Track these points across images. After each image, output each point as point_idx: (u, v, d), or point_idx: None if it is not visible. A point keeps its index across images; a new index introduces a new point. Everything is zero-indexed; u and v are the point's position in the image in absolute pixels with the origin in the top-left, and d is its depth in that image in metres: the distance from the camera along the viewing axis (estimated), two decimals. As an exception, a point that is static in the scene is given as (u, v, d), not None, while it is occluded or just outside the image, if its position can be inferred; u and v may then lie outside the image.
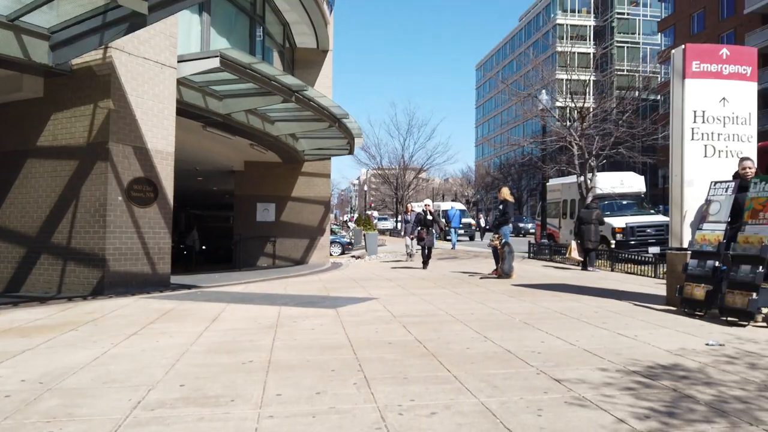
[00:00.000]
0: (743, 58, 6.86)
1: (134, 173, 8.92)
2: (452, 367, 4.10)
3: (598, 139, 16.63)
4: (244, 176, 17.28)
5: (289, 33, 16.80)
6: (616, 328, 5.51)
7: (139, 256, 8.92)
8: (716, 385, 3.55)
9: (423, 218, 13.38)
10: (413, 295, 8.24)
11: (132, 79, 8.98)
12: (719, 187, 6.32)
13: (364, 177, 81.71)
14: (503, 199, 11.04)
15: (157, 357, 4.50)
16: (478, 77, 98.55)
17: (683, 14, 49.25)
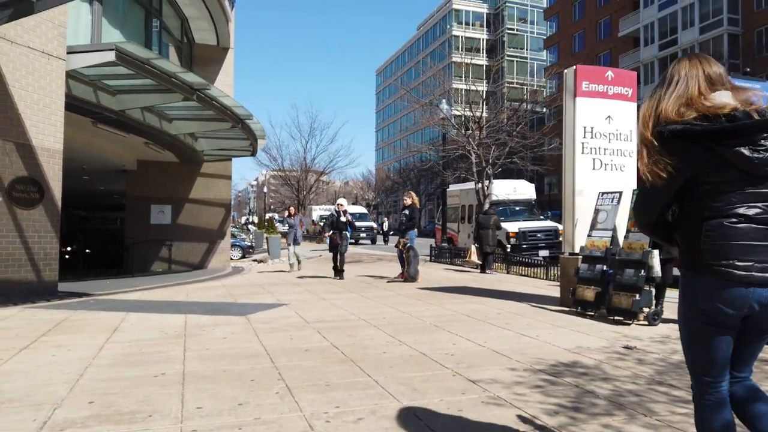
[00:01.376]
0: (625, 80, 7.59)
1: (17, 172, 8.16)
2: (372, 371, 4.18)
3: (494, 149, 17.53)
4: (137, 176, 16.30)
5: (187, 28, 16.12)
6: (519, 328, 5.88)
7: (23, 263, 8.17)
8: (612, 380, 3.92)
9: (336, 220, 11.79)
10: (323, 300, 8.25)
11: (15, 70, 8.22)
12: (606, 198, 6.95)
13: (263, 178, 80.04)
14: (410, 204, 11.32)
15: (56, 372, 4.18)
16: (378, 82, 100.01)
17: (566, 34, 53.25)
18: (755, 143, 1.85)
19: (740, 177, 1.89)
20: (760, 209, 1.88)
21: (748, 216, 1.88)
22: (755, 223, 1.88)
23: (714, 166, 1.89)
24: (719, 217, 1.90)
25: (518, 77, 64.08)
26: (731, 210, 1.89)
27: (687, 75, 2.00)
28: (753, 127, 1.86)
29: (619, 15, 46.21)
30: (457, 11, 72.92)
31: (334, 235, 11.77)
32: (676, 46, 40.01)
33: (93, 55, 9.04)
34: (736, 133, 1.86)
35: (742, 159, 1.85)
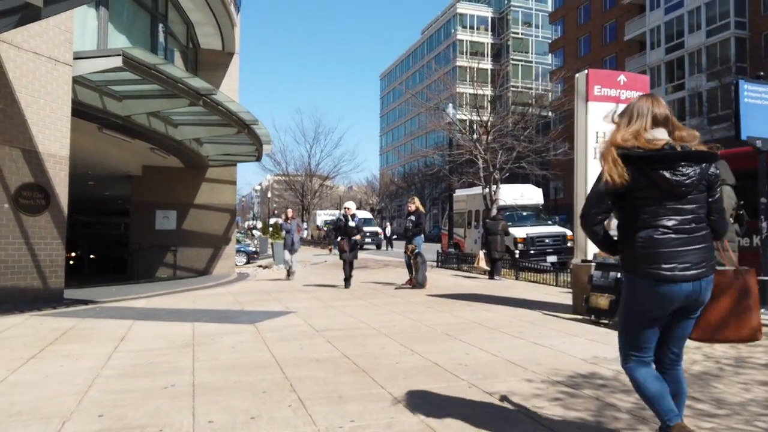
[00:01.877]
0: (638, 84, 7.49)
1: (23, 179, 8.12)
2: (386, 383, 4.09)
3: (501, 153, 17.43)
4: (142, 181, 16.28)
5: (193, 33, 16.12)
6: (532, 337, 5.77)
7: (29, 270, 8.11)
8: (633, 392, 3.77)
9: (343, 225, 10.90)
10: (331, 308, 8.16)
11: (21, 76, 8.19)
12: (619, 203, 6.83)
13: (267, 183, 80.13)
14: (415, 209, 11.23)
15: (65, 384, 4.10)
16: (383, 87, 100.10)
17: (571, 37, 53.18)
18: (675, 169, 2.46)
19: (663, 195, 2.47)
20: (677, 221, 2.48)
21: (668, 227, 2.46)
22: (675, 233, 2.47)
23: (644, 184, 2.47)
24: (648, 228, 2.48)
25: (523, 81, 64.11)
26: (656, 221, 2.47)
27: (640, 113, 2.57)
28: (671, 157, 2.46)
29: (624, 18, 46.12)
30: (461, 15, 72.96)
31: (342, 241, 10.88)
32: (683, 49, 39.89)
33: (100, 60, 9.01)
34: (660, 160, 2.46)
35: (664, 180, 2.45)
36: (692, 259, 2.47)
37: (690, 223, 2.49)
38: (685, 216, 2.49)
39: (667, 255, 2.45)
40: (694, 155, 2.49)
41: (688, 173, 2.46)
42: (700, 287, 2.50)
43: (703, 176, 2.50)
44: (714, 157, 2.54)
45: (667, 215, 2.48)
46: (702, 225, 2.53)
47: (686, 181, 2.45)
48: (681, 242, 2.47)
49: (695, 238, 2.50)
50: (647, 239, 2.47)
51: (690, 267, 2.48)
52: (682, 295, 2.48)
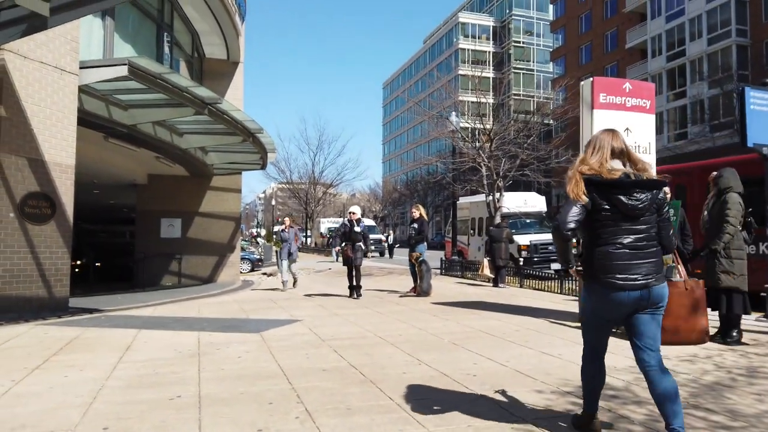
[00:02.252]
0: (643, 92, 7.47)
1: (29, 188, 8.12)
2: (394, 394, 4.05)
3: (505, 161, 17.41)
4: (147, 190, 16.30)
5: (198, 43, 16.19)
6: (540, 346, 5.73)
7: (34, 279, 8.10)
8: (645, 403, 3.76)
9: (348, 231, 10.55)
10: (337, 316, 8.12)
11: (27, 85, 8.21)
12: (626, 211, 6.80)
13: (270, 191, 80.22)
14: (419, 217, 11.21)
15: (69, 395, 4.07)
16: (385, 95, 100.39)
17: (573, 46, 53.29)
18: (630, 194, 2.89)
19: (620, 216, 2.91)
20: (631, 239, 2.91)
21: (624, 243, 2.90)
22: (629, 249, 2.90)
23: (603, 207, 2.91)
24: (607, 245, 2.92)
25: (525, 89, 64.18)
26: (614, 239, 2.91)
27: (602, 146, 3.03)
28: (627, 184, 2.90)
29: (626, 27, 46.21)
30: (463, 24, 73.24)
31: (346, 247, 10.53)
32: (684, 57, 39.92)
33: (106, 69, 9.03)
34: (618, 186, 2.89)
35: (622, 204, 2.89)
36: (642, 271, 2.89)
37: (642, 241, 2.93)
38: (638, 235, 2.93)
39: (622, 267, 2.89)
40: (646, 183, 2.94)
41: (641, 198, 2.91)
42: (649, 294, 2.90)
43: (653, 200, 2.95)
44: (662, 184, 3.01)
45: (624, 234, 2.92)
46: (653, 242, 2.97)
47: (639, 205, 2.91)
48: (634, 257, 2.90)
49: (646, 254, 2.92)
50: (605, 253, 2.92)
51: (639, 278, 2.89)
52: (632, 301, 2.90)
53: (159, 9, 13.43)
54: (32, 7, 6.63)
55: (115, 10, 11.23)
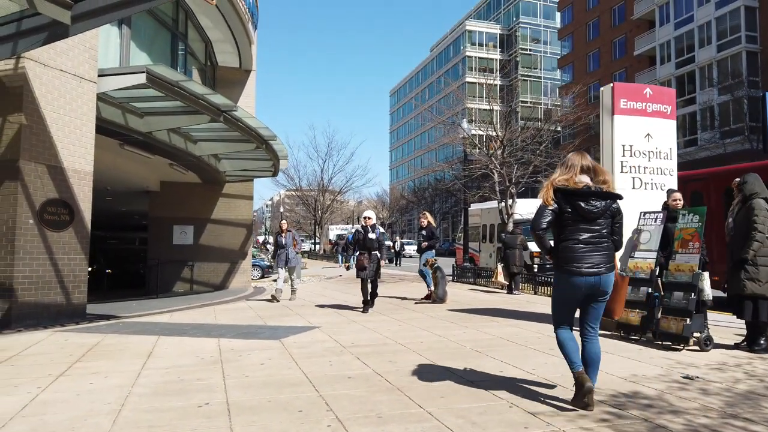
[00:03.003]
0: (664, 97, 7.44)
1: (48, 194, 8.15)
2: (423, 402, 4.00)
3: (517, 167, 17.37)
4: (160, 197, 16.37)
5: (211, 51, 16.28)
6: (565, 354, 5.66)
7: (52, 285, 8.11)
8: (681, 413, 3.70)
9: (362, 238, 9.41)
10: (355, 323, 8.07)
11: (47, 93, 8.26)
12: (648, 218, 6.75)
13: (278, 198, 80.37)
14: (427, 224, 11.21)
15: (96, 402, 4.05)
16: (393, 103, 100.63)
17: (580, 53, 53.27)
18: (588, 201, 3.71)
19: (580, 218, 3.73)
20: (587, 236, 3.73)
21: (581, 239, 3.73)
22: (584, 244, 3.72)
23: (568, 211, 3.73)
24: (567, 240, 3.75)
25: (532, 96, 64.16)
26: (573, 236, 3.74)
27: (573, 164, 3.83)
28: (586, 193, 3.72)
29: (634, 34, 46.16)
30: (470, 32, 73.43)
31: (361, 256, 9.33)
32: (693, 64, 39.80)
33: (124, 77, 9.09)
34: (579, 195, 3.71)
35: (580, 208, 3.71)
36: (595, 261, 3.72)
37: (596, 238, 3.76)
38: (592, 233, 3.76)
39: (579, 257, 3.73)
40: (601, 194, 3.76)
41: (596, 205, 3.74)
42: (600, 280, 3.73)
43: (607, 208, 3.78)
44: (616, 197, 3.83)
45: (581, 232, 3.76)
46: (605, 240, 3.79)
47: (594, 210, 3.74)
48: (588, 250, 3.74)
49: (598, 248, 3.76)
50: (567, 247, 3.77)
51: (592, 266, 3.71)
52: (587, 285, 3.73)
53: (174, 18, 13.53)
54: (54, 16, 6.66)
55: (131, 19, 11.32)
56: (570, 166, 3.85)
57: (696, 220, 6.05)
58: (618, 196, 3.85)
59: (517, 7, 71.77)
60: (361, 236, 9.51)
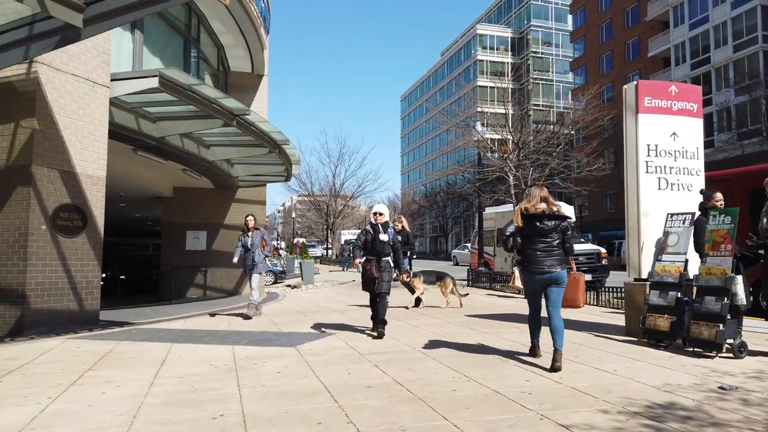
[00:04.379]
0: (690, 95, 7.20)
1: (61, 200, 8.07)
2: (448, 413, 3.81)
3: (532, 170, 17.12)
4: (173, 203, 16.30)
5: (223, 56, 16.23)
6: (592, 362, 5.44)
7: (65, 291, 8.02)
8: (723, 425, 3.47)
9: (371, 240, 7.22)
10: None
11: (60, 98, 8.19)
12: (676, 219, 6.50)
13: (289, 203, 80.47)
14: (402, 228, 10.99)
15: (108, 413, 3.91)
16: (403, 108, 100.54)
17: (593, 55, 52.81)
18: (542, 222, 5.17)
19: (537, 233, 5.19)
20: (543, 246, 5.17)
21: (537, 248, 5.19)
22: (540, 251, 5.18)
23: (529, 228, 5.22)
24: (529, 249, 5.23)
25: (544, 100, 63.75)
26: (533, 246, 5.20)
27: (534, 195, 5.31)
28: (542, 216, 5.18)
29: (648, 35, 45.66)
30: (481, 36, 73.16)
31: (368, 263, 7.24)
32: (709, 64, 39.26)
33: (136, 81, 9.00)
34: (537, 217, 5.19)
35: (536, 227, 5.18)
36: (548, 264, 5.19)
37: (549, 247, 5.21)
38: (546, 244, 5.22)
39: (537, 261, 5.22)
40: (553, 216, 5.22)
41: (549, 224, 5.22)
42: (552, 276, 5.19)
43: (557, 226, 5.23)
44: (564, 218, 5.28)
45: (539, 242, 5.23)
46: (556, 248, 5.23)
47: (547, 228, 5.22)
48: (543, 256, 5.21)
49: (551, 254, 5.20)
50: (528, 254, 5.29)
51: (546, 267, 5.18)
52: (543, 279, 5.23)
53: (186, 23, 13.48)
54: (66, 19, 6.57)
55: (144, 24, 11.27)
56: (532, 197, 5.38)
57: (728, 221, 5.80)
58: (566, 217, 5.32)
59: (529, 11, 71.44)
60: (370, 238, 7.25)
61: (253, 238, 9.65)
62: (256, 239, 9.67)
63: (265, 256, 9.84)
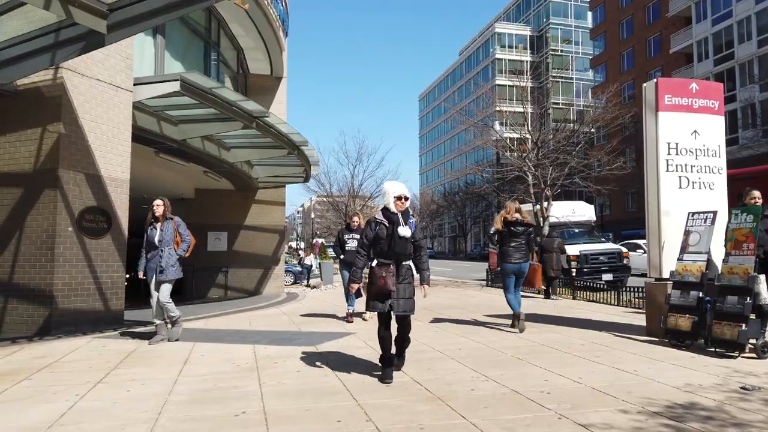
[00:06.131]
0: (711, 92, 7.11)
1: (86, 202, 8.26)
2: (466, 412, 3.84)
3: (552, 169, 17.00)
4: (194, 204, 16.52)
5: (242, 59, 16.42)
6: (612, 362, 5.42)
7: (91, 292, 8.21)
8: (746, 426, 3.45)
9: (388, 236, 4.96)
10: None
11: (85, 102, 8.39)
12: (697, 218, 6.44)
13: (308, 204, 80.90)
14: (357, 226, 10.22)
15: (134, 410, 4.01)
16: (422, 107, 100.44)
17: (614, 52, 52.21)
18: (515, 227, 7.67)
19: (511, 234, 7.67)
20: (515, 244, 7.65)
21: (511, 246, 7.65)
22: (512, 248, 7.64)
23: (506, 230, 7.67)
24: (506, 245, 7.67)
25: (564, 98, 63.17)
26: (509, 244, 7.65)
27: (510, 208, 7.80)
28: (515, 223, 7.67)
29: (669, 31, 45.03)
30: (499, 35, 72.76)
31: (382, 270, 4.88)
32: (733, 60, 38.59)
33: (158, 86, 9.18)
34: (512, 224, 7.67)
35: (511, 230, 7.67)
36: (518, 257, 7.57)
37: (519, 245, 7.61)
38: (518, 243, 7.61)
39: (510, 255, 7.57)
40: (522, 223, 7.66)
41: (519, 229, 7.62)
42: (520, 266, 7.59)
43: (525, 230, 7.68)
44: (530, 225, 7.85)
45: (512, 242, 7.60)
46: (523, 246, 7.64)
47: (518, 231, 7.62)
48: (514, 250, 7.58)
49: (520, 250, 7.60)
50: (504, 250, 7.64)
51: (517, 259, 7.55)
52: (514, 268, 7.60)
53: (206, 27, 13.67)
54: (90, 25, 6.74)
55: (165, 28, 11.46)
56: (509, 209, 7.76)
57: (750, 219, 5.72)
58: (531, 225, 8.07)
59: (548, 8, 70.86)
60: (385, 233, 4.94)
61: (163, 231, 7.02)
62: (168, 233, 7.03)
63: (178, 256, 7.12)
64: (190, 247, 7.26)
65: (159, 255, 6.96)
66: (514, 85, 28.43)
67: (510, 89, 53.94)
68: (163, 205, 7.15)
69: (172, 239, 7.04)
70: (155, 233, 7.03)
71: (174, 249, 7.03)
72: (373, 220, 5.14)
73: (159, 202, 7.16)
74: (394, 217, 5.03)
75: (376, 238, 5.01)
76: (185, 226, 7.26)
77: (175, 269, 7.06)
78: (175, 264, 7.05)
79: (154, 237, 7.02)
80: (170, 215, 7.19)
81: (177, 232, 7.13)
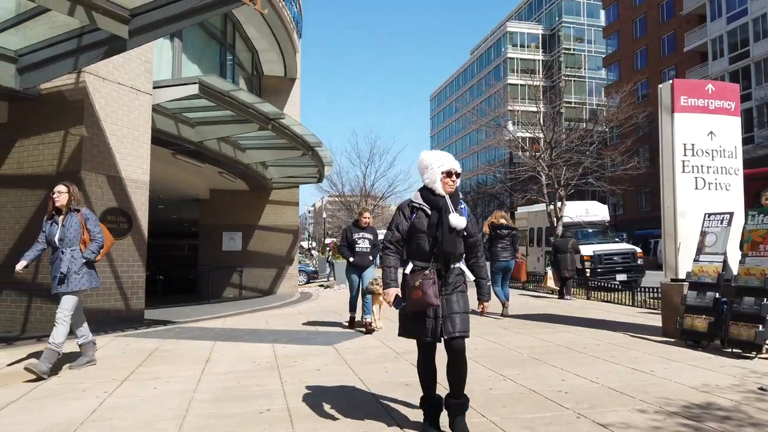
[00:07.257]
0: (727, 93, 7.12)
1: (108, 203, 8.42)
2: (485, 411, 3.92)
3: (565, 169, 16.99)
4: (209, 204, 16.74)
5: (257, 61, 16.58)
6: (628, 362, 5.46)
7: (113, 291, 8.37)
8: (763, 425, 3.50)
9: (432, 226, 3.43)
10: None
11: (106, 105, 8.55)
12: (714, 219, 6.45)
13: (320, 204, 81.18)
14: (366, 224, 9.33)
15: (161, 407, 4.13)
16: (433, 107, 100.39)
17: (627, 51, 51.84)
18: (501, 230, 9.77)
19: (498, 237, 9.74)
20: (502, 245, 9.72)
21: (498, 247, 9.69)
22: (499, 248, 9.70)
23: (493, 233, 9.78)
24: (493, 247, 9.71)
25: (576, 97, 62.82)
26: (497, 245, 9.71)
27: (498, 215, 10.09)
28: (502, 227, 9.83)
29: (684, 30, 44.62)
30: (511, 34, 72.52)
31: (419, 278, 3.35)
32: (748, 58, 38.17)
33: (177, 88, 9.33)
34: (499, 227, 9.80)
35: (498, 233, 9.77)
36: (505, 255, 9.74)
37: (506, 245, 9.69)
38: (504, 243, 9.70)
39: (498, 254, 9.74)
40: (507, 227, 9.88)
41: (505, 232, 9.75)
42: (508, 263, 9.71)
43: (510, 233, 9.80)
44: (514, 229, 10.09)
45: (499, 242, 9.70)
46: (509, 246, 9.73)
47: (504, 233, 9.75)
48: (501, 250, 9.69)
49: (506, 250, 9.71)
50: (494, 250, 9.69)
51: (504, 258, 9.75)
52: (502, 266, 9.68)
53: (222, 30, 13.83)
54: (112, 30, 6.89)
55: (183, 32, 11.63)
56: (497, 215, 9.82)
57: (767, 221, 5.74)
58: (515, 228, 9.87)
59: (560, 7, 70.51)
60: (425, 223, 3.50)
61: (65, 227, 5.37)
62: (71, 228, 5.38)
63: (84, 260, 5.40)
64: (103, 248, 5.61)
65: (59, 258, 5.28)
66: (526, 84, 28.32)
67: (522, 88, 53.72)
68: (68, 193, 5.42)
69: (77, 238, 5.36)
70: (55, 229, 5.34)
71: (80, 250, 5.37)
72: (408, 204, 3.59)
73: (62, 188, 5.43)
74: (440, 200, 3.47)
75: (413, 230, 3.49)
76: (96, 220, 5.60)
77: (81, 277, 5.32)
78: (80, 270, 5.32)
79: (54, 234, 5.33)
80: (76, 206, 5.45)
81: (84, 228, 5.43)
